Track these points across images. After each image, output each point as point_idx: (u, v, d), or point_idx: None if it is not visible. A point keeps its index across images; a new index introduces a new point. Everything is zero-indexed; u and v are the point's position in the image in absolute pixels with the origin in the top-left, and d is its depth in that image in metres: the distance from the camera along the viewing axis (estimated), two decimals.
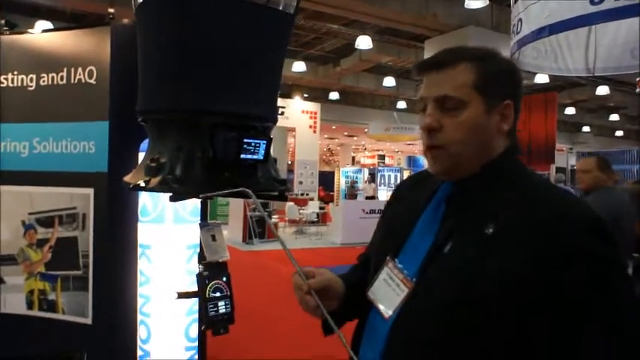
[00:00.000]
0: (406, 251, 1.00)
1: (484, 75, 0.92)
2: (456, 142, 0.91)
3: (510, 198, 0.89)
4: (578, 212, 0.84)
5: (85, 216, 2.55)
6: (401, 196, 1.16)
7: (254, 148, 1.31)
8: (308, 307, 1.00)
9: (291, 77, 15.44)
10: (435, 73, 0.93)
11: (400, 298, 0.94)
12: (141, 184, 1.34)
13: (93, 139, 2.52)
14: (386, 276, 1.00)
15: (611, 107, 20.19)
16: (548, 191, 0.91)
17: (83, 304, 2.56)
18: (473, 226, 0.89)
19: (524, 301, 0.79)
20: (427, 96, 0.93)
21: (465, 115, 0.90)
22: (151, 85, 1.37)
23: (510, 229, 0.84)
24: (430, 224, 0.98)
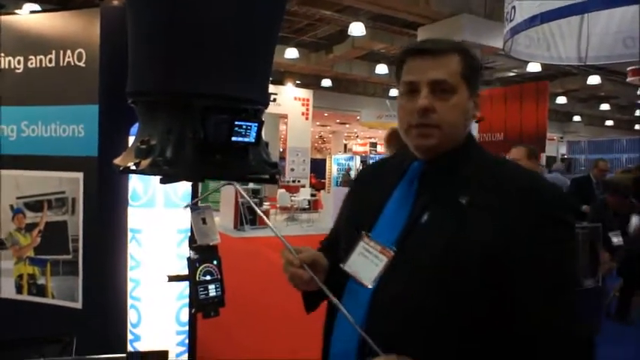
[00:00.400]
0: (380, 226, 1.06)
1: (469, 66, 1.02)
2: (449, 123, 1.01)
3: (480, 173, 1.00)
4: (544, 185, 1.00)
5: (74, 200, 2.53)
6: (365, 181, 1.24)
7: (245, 130, 1.29)
8: (300, 281, 1.05)
9: (284, 64, 15.32)
10: (431, 59, 1.01)
11: (380, 268, 1.00)
12: (131, 167, 1.32)
13: (82, 123, 2.49)
14: (362, 249, 1.04)
15: (601, 97, 20.29)
16: (513, 167, 1.06)
17: (73, 289, 2.56)
18: (448, 198, 0.98)
19: (500, 260, 0.90)
20: (422, 79, 1.00)
21: (455, 100, 1.00)
22: (141, 66, 1.35)
23: (484, 200, 0.95)
24: (404, 200, 1.06)
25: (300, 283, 1.07)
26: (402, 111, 1.05)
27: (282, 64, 15.47)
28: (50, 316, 2.59)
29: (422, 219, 1.00)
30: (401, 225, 1.02)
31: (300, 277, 1.05)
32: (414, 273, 0.96)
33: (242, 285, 4.93)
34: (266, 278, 5.98)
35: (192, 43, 1.28)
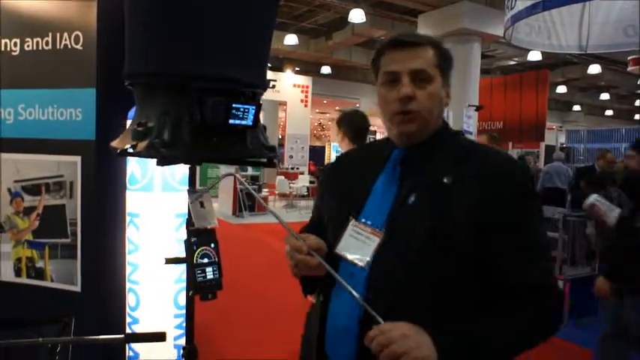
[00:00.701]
0: (368, 210, 1.14)
1: (443, 58, 1.13)
2: (427, 109, 1.10)
3: (460, 156, 1.11)
4: (517, 165, 1.14)
5: (72, 184, 2.53)
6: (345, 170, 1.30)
7: (243, 113, 1.29)
8: (307, 268, 1.09)
9: (283, 50, 15.23)
10: (410, 51, 1.11)
11: (372, 247, 1.08)
12: (128, 149, 1.32)
13: (80, 106, 2.47)
14: (352, 232, 1.12)
15: (601, 86, 20.23)
16: (486, 149, 1.21)
17: (72, 272, 2.56)
18: (432, 179, 1.09)
19: (483, 229, 1.02)
20: (403, 69, 1.10)
21: (432, 88, 1.10)
22: (138, 48, 1.34)
23: (466, 179, 1.06)
24: (389, 184, 1.14)
25: (306, 269, 1.10)
26: (384, 101, 1.13)
27: (282, 51, 15.38)
28: (49, 299, 2.60)
29: (409, 200, 1.08)
30: (388, 207, 1.11)
31: (308, 264, 1.08)
32: (406, 250, 1.05)
33: (241, 271, 4.96)
34: (265, 264, 6.02)
35: (189, 26, 1.28)
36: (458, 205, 1.03)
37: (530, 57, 12.58)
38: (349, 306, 1.07)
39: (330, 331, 1.14)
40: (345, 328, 1.09)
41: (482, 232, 1.02)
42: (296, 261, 1.10)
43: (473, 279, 1.04)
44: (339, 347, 1.11)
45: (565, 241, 4.56)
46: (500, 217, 1.03)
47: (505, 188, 1.05)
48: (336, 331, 1.12)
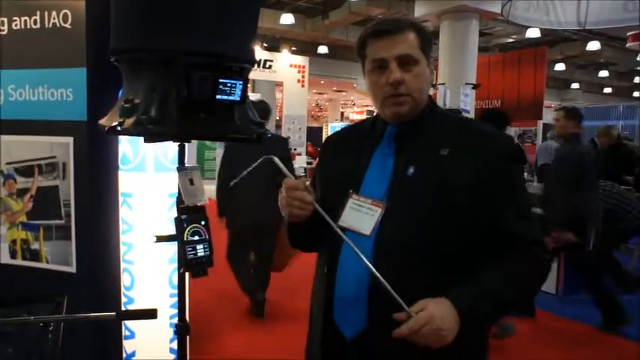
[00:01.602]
0: (367, 184, 1.21)
1: (424, 39, 1.20)
2: (416, 90, 1.18)
3: (452, 129, 1.21)
4: (503, 136, 1.27)
5: (65, 165, 2.52)
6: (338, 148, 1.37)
7: (230, 88, 1.28)
8: (301, 204, 1.16)
9: (279, 30, 15.06)
10: (394, 37, 1.17)
11: (375, 218, 1.14)
12: (116, 127, 1.30)
13: (70, 87, 2.45)
14: (353, 205, 1.18)
15: (600, 63, 20.09)
16: (476, 124, 1.33)
17: (66, 253, 2.56)
18: (429, 152, 1.17)
19: (481, 192, 1.12)
20: (389, 55, 1.16)
21: (418, 69, 1.18)
22: (123, 23, 1.32)
23: (461, 150, 1.15)
24: (385, 159, 1.21)
25: (298, 207, 1.17)
26: (375, 86, 1.20)
27: (278, 31, 15.21)
28: (45, 280, 2.61)
29: (407, 172, 1.16)
30: (388, 180, 1.18)
31: (303, 199, 1.16)
32: (410, 218, 1.13)
33: None
34: None
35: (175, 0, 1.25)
36: (456, 174, 1.12)
37: (528, 34, 12.45)
38: (357, 275, 1.13)
39: (338, 301, 1.18)
40: (355, 296, 1.14)
41: (479, 196, 1.12)
42: (291, 198, 1.16)
43: (473, 238, 1.13)
44: (349, 316, 1.17)
45: None
46: (494, 181, 1.13)
47: (496, 155, 1.16)
48: (345, 301, 1.17)
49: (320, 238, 1.26)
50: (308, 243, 1.35)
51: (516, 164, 1.22)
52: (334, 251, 1.20)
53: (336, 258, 1.19)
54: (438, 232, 1.11)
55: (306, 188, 1.17)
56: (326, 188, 1.30)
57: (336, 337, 1.19)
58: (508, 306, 1.17)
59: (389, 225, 1.14)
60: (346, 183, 1.23)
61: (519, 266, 1.14)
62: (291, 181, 1.19)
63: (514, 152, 1.21)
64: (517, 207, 1.16)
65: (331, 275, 1.20)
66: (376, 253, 1.12)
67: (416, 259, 1.11)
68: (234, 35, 1.33)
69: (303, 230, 1.28)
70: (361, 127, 1.35)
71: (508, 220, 1.14)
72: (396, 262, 1.11)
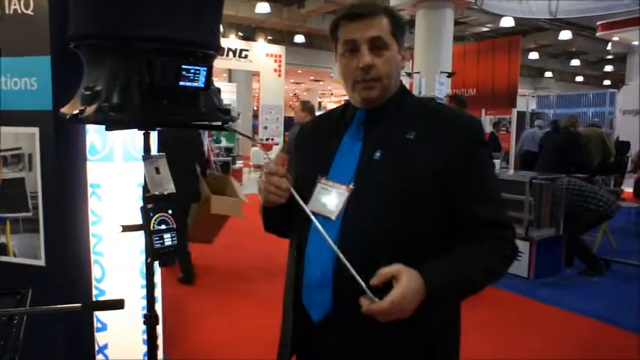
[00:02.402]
0: (335, 169, 1.21)
1: (396, 24, 1.20)
2: (386, 75, 1.18)
3: (420, 113, 1.22)
4: (471, 119, 1.24)
5: (31, 156, 2.45)
6: (310, 136, 1.37)
7: (194, 75, 1.26)
8: (277, 190, 1.17)
9: (255, 19, 14.91)
10: (365, 20, 1.17)
11: (342, 201, 1.16)
12: (78, 115, 1.27)
13: (34, 75, 2.38)
14: (321, 190, 1.19)
15: (572, 52, 20.45)
16: (443, 108, 1.36)
17: (35, 246, 2.51)
18: (396, 136, 1.17)
19: (448, 174, 1.12)
20: (360, 38, 1.16)
21: (389, 54, 1.18)
22: (83, 7, 1.28)
23: (428, 133, 1.16)
24: (353, 143, 1.22)
25: (274, 192, 1.17)
26: (346, 70, 1.20)
27: (254, 20, 15.06)
28: (14, 275, 2.55)
29: (374, 156, 1.16)
30: (355, 164, 1.19)
31: (279, 186, 1.16)
32: (376, 200, 1.13)
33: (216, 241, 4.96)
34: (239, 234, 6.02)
35: None
36: (422, 157, 1.13)
37: (502, 23, 12.57)
38: (324, 258, 1.14)
39: (306, 284, 1.20)
40: (321, 279, 1.15)
41: (445, 179, 1.12)
42: (267, 183, 1.17)
43: (440, 221, 1.14)
44: (316, 298, 1.18)
45: (531, 203, 4.66)
46: (458, 163, 1.14)
47: (463, 138, 1.16)
48: (312, 284, 1.18)
49: (292, 223, 1.27)
50: (280, 228, 1.36)
51: (482, 147, 1.21)
52: (303, 235, 1.21)
53: (305, 242, 1.20)
54: (404, 215, 1.12)
55: (285, 175, 1.17)
56: (298, 174, 1.29)
57: (305, 320, 1.21)
58: (474, 286, 1.14)
59: (354, 208, 1.14)
60: (316, 168, 1.24)
61: (481, 247, 1.14)
62: (272, 166, 1.18)
63: (479, 135, 1.21)
64: (482, 190, 1.16)
65: (300, 259, 1.21)
66: (342, 236, 1.13)
67: (381, 243, 1.11)
68: (197, 21, 1.31)
69: (276, 216, 1.28)
70: (333, 114, 1.35)
71: (472, 202, 1.14)
72: (362, 245, 1.11)
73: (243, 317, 3.83)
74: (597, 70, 23.45)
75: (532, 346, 3.41)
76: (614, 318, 3.85)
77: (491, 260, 1.15)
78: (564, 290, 4.53)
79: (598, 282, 4.74)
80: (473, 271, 1.11)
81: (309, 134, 1.40)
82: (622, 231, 6.96)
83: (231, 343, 3.36)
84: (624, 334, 3.60)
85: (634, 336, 3.56)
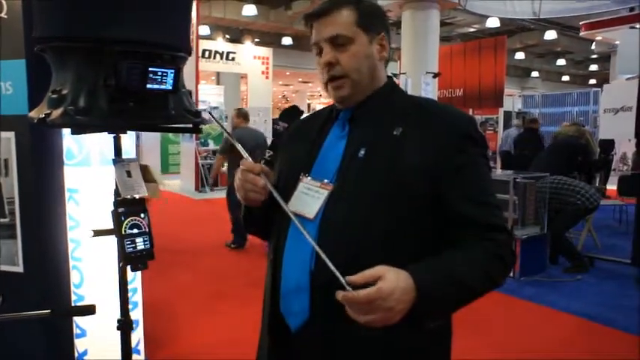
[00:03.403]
0: (318, 167, 1.15)
1: (363, 14, 1.12)
2: (353, 70, 1.11)
3: (407, 108, 1.13)
4: (462, 115, 1.14)
5: (7, 161, 2.42)
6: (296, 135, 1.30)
7: (161, 77, 1.25)
8: (254, 188, 1.10)
9: (242, 21, 14.87)
10: (324, 19, 1.11)
11: (321, 200, 1.09)
12: (44, 119, 1.26)
13: (9, 79, 2.35)
14: (302, 189, 1.13)
15: (558, 52, 20.65)
16: (433, 103, 1.22)
17: (12, 253, 2.48)
18: (382, 131, 1.10)
19: (436, 174, 1.05)
20: (320, 39, 1.12)
21: (354, 48, 1.11)
22: (47, 9, 1.26)
23: (415, 129, 1.08)
24: (338, 141, 1.16)
25: (251, 190, 1.10)
26: (319, 71, 1.15)
27: (240, 22, 15.03)
28: None
29: (359, 154, 1.09)
30: (338, 162, 1.12)
31: (255, 183, 1.09)
32: (358, 199, 1.06)
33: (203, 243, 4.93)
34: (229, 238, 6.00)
35: None
36: (409, 154, 1.05)
37: (488, 24, 12.66)
38: (301, 262, 1.07)
39: (283, 290, 1.12)
40: (297, 285, 1.08)
41: (433, 177, 1.05)
42: (244, 180, 1.10)
43: (425, 222, 1.06)
44: (293, 306, 1.10)
45: (515, 202, 4.69)
46: (447, 161, 1.05)
47: (452, 134, 1.08)
48: (289, 290, 1.11)
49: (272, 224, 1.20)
50: (262, 230, 1.28)
51: (473, 144, 1.10)
52: (281, 236, 1.14)
53: (283, 245, 1.13)
54: (387, 216, 1.04)
55: (262, 171, 1.10)
56: (281, 172, 1.24)
57: (282, 327, 1.13)
58: (471, 290, 1.03)
59: (334, 208, 1.07)
60: (299, 166, 1.18)
61: (477, 250, 1.04)
62: (247, 163, 1.11)
63: (471, 131, 1.11)
64: (472, 190, 1.07)
65: (277, 263, 1.14)
66: (319, 237, 1.05)
67: (362, 244, 1.03)
68: (165, 23, 1.30)
69: (257, 215, 1.21)
70: (321, 113, 1.28)
71: (463, 203, 1.05)
72: (341, 246, 1.03)
73: (228, 318, 3.81)
74: (583, 70, 23.70)
75: (517, 344, 3.43)
76: (598, 315, 3.88)
77: (489, 263, 1.04)
78: (549, 288, 4.56)
79: (582, 279, 4.77)
80: (469, 274, 1.01)
81: (295, 133, 1.34)
82: (606, 229, 7.03)
83: (217, 344, 3.34)
84: (608, 331, 3.63)
85: (618, 333, 3.59)
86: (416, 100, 1.19)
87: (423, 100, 1.21)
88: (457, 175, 1.06)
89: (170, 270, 4.98)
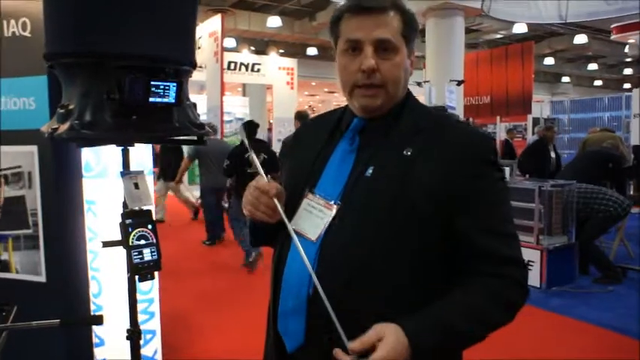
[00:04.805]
0: (323, 183, 1.08)
1: (409, 25, 1.05)
2: (391, 81, 1.03)
3: (422, 125, 1.05)
4: (479, 135, 1.08)
5: (30, 174, 2.50)
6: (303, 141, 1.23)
7: (164, 91, 1.27)
8: (267, 210, 1.05)
9: (267, 33, 15.06)
10: (375, 17, 1.01)
11: (325, 221, 1.03)
12: (52, 133, 1.29)
13: (32, 95, 2.44)
14: (307, 206, 1.07)
15: (589, 56, 20.15)
16: (450, 121, 1.12)
17: (35, 263, 2.55)
18: (392, 151, 1.03)
19: (448, 199, 0.98)
20: (366, 38, 1.01)
21: (398, 59, 1.03)
22: (55, 27, 1.31)
23: (428, 150, 1.01)
24: (346, 156, 1.08)
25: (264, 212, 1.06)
26: (345, 71, 1.05)
27: (266, 34, 15.22)
28: (17, 291, 2.59)
29: (366, 172, 1.03)
30: (344, 180, 1.05)
31: (268, 206, 1.05)
32: (363, 221, 0.99)
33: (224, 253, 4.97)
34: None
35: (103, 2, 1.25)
36: (420, 176, 0.98)
37: (515, 29, 12.48)
38: (299, 283, 1.02)
39: (281, 308, 1.08)
40: (294, 306, 1.04)
41: (445, 203, 0.98)
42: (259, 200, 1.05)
43: (434, 253, 1.00)
44: (289, 327, 1.06)
45: (541, 211, 4.57)
46: (464, 186, 0.99)
47: (469, 157, 1.01)
48: (286, 310, 1.07)
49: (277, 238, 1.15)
50: (270, 244, 1.20)
51: (491, 169, 1.03)
52: (282, 254, 1.09)
53: (284, 262, 1.08)
54: (392, 240, 0.97)
55: (277, 194, 1.04)
56: (286, 184, 1.17)
57: (282, 348, 1.09)
58: (468, 339, 0.99)
59: (338, 229, 1.01)
60: (303, 180, 1.11)
61: (480, 291, 0.98)
62: (263, 184, 1.05)
63: (489, 154, 1.03)
64: (487, 219, 1.00)
65: (277, 282, 1.09)
66: (319, 260, 1.00)
67: (364, 269, 0.97)
68: (168, 37, 1.33)
69: (266, 230, 1.15)
70: (330, 119, 1.19)
71: (476, 232, 0.98)
72: (340, 271, 0.98)
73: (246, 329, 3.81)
74: (616, 74, 23.05)
75: (540, 357, 3.32)
76: (630, 329, 3.73)
77: (490, 308, 0.98)
78: (578, 300, 4.42)
79: (614, 290, 4.60)
80: (467, 324, 0.96)
81: (300, 139, 1.26)
82: None
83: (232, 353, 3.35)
84: None
85: None
86: (432, 117, 1.12)
87: (439, 116, 1.14)
88: (472, 203, 0.99)
89: (190, 279, 5.03)
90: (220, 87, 9.21)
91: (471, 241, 0.99)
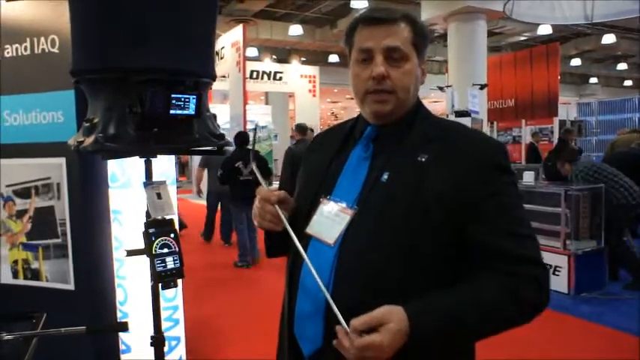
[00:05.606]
0: (339, 189, 1.11)
1: (418, 35, 1.09)
2: (401, 88, 1.07)
3: (434, 134, 1.08)
4: (491, 141, 1.13)
5: (59, 185, 2.58)
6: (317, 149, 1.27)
7: (184, 103, 1.31)
8: (272, 219, 1.09)
9: (288, 41, 15.20)
10: (385, 27, 1.07)
11: (342, 226, 1.05)
12: (78, 146, 1.34)
13: (61, 109, 2.52)
14: (323, 212, 1.09)
15: (618, 56, 19.68)
16: (462, 128, 1.15)
17: (64, 271, 2.62)
18: (407, 157, 1.06)
19: (462, 204, 1.00)
20: (376, 46, 1.06)
21: (408, 67, 1.07)
22: (80, 44, 1.36)
23: (442, 156, 1.04)
24: (361, 162, 1.11)
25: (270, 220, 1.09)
26: (357, 79, 1.10)
27: (287, 42, 15.35)
28: (47, 298, 2.67)
29: (382, 178, 1.05)
30: (360, 186, 1.08)
31: (271, 214, 1.09)
32: (379, 226, 1.02)
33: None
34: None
35: (125, 18, 1.29)
36: (434, 182, 1.01)
37: (540, 31, 12.29)
38: (316, 287, 1.02)
39: (298, 313, 1.10)
40: (312, 311, 1.06)
41: (455, 210, 1.00)
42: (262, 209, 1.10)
43: (449, 253, 1.02)
44: (306, 331, 1.08)
45: (567, 215, 4.48)
46: (477, 191, 1.01)
47: (481, 163, 1.03)
48: (304, 314, 1.08)
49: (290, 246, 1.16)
50: (284, 253, 1.23)
51: (502, 173, 1.06)
52: (297, 260, 1.10)
53: (299, 267, 1.10)
54: (408, 244, 1.00)
55: (278, 201, 1.08)
56: (300, 191, 1.22)
57: (297, 352, 1.11)
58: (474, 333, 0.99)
59: (355, 233, 1.04)
60: (319, 185, 1.14)
61: (491, 286, 0.99)
62: (263, 192, 1.09)
63: (500, 160, 1.07)
64: (500, 221, 1.02)
65: (293, 285, 1.11)
66: (338, 264, 1.03)
67: (380, 274, 1.00)
68: (187, 51, 1.36)
69: (279, 239, 1.16)
70: (344, 127, 1.24)
71: (489, 234, 1.00)
72: (359, 274, 1.00)
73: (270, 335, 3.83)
74: None
75: None
76: None
77: (502, 302, 0.98)
78: (608, 306, 4.30)
79: None
80: (474, 314, 0.96)
81: (316, 147, 1.30)
82: None
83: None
84: None
85: None
86: (444, 125, 1.15)
87: (451, 125, 1.17)
88: (485, 207, 1.01)
89: (218, 286, 5.09)
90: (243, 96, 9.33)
91: (485, 245, 1.00)
